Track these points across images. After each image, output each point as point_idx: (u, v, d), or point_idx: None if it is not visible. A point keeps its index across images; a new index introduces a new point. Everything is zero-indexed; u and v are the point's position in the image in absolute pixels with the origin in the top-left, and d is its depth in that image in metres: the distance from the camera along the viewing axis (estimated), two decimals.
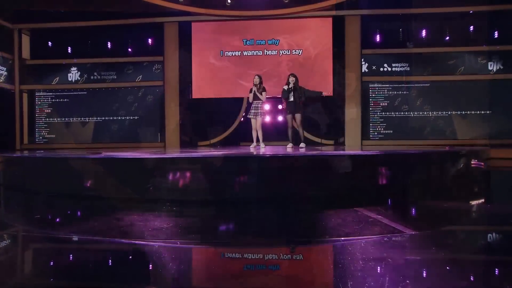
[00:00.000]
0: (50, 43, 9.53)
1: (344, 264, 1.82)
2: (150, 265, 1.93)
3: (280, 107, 9.50)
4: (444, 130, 8.71)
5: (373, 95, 8.95)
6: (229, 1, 8.18)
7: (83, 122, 9.36)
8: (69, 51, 9.51)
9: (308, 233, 2.53)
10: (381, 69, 8.92)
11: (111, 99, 9.30)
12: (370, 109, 8.96)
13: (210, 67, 9.30)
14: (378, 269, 1.76)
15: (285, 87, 6.20)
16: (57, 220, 3.18)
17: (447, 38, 8.79)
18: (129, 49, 9.43)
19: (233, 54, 9.26)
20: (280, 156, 4.05)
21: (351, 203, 3.29)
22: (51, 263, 2.00)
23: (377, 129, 8.96)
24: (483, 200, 4.12)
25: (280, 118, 9.54)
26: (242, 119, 9.21)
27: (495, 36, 8.65)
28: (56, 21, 9.16)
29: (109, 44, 9.45)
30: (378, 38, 9.06)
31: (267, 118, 9.28)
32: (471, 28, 8.69)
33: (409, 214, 3.26)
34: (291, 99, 6.12)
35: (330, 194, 3.58)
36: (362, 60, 8.84)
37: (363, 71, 8.86)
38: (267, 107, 9.24)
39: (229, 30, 9.27)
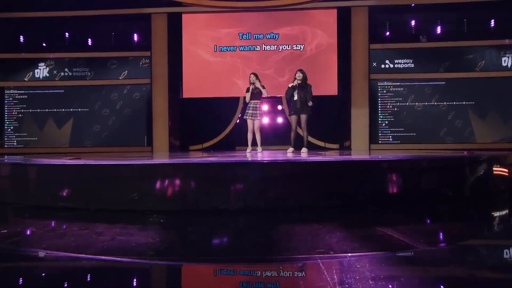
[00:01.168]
0: (22, 35, 9.33)
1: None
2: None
3: (279, 107, 9.45)
4: (461, 132, 8.66)
5: (382, 94, 8.90)
6: None
7: (60, 124, 9.19)
8: (44, 44, 9.33)
9: None
10: (391, 65, 8.85)
11: (92, 98, 9.15)
12: (379, 109, 8.90)
13: (202, 64, 9.19)
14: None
15: (291, 85, 6.10)
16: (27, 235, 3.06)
17: (465, 30, 8.72)
18: (113, 43, 9.28)
19: (228, 49, 9.18)
20: None
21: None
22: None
23: (387, 131, 8.90)
24: (507, 211, 4.06)
25: (280, 120, 9.48)
26: (238, 121, 9.13)
27: None
28: (29, 11, 8.99)
29: (89, 37, 9.27)
30: (387, 31, 9.00)
31: (265, 120, 9.22)
32: (493, 19, 8.62)
33: (423, 226, 3.18)
34: (296, 97, 6.01)
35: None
36: (370, 55, 8.79)
37: (371, 67, 8.82)
38: (265, 107, 9.18)
39: (224, 22, 9.19)
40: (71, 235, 2.93)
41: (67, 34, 9.30)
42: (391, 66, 8.87)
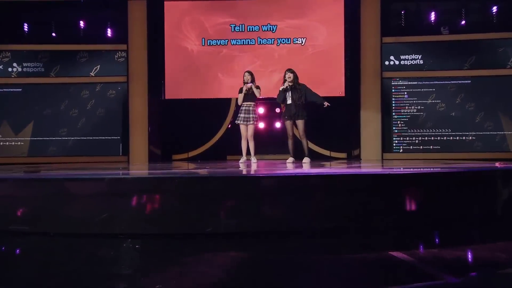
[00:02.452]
0: None
1: None
2: None
3: (277, 110, 9.42)
4: (492, 138, 8.60)
5: (397, 94, 8.92)
6: None
7: (17, 128, 8.98)
8: None
9: None
10: (407, 61, 8.89)
11: (57, 97, 8.99)
12: (393, 112, 8.91)
13: (188, 60, 9.17)
14: None
15: (281, 88, 6.24)
16: None
17: (494, 20, 8.71)
18: (82, 34, 9.19)
19: (218, 43, 9.18)
20: None
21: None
22: None
23: (403, 138, 8.88)
24: None
25: (277, 124, 9.45)
26: (229, 125, 9.09)
27: None
28: None
29: (54, 26, 9.14)
30: (403, 22, 9.04)
31: (261, 125, 9.18)
32: None
33: (449, 252, 3.13)
34: (289, 101, 6.18)
35: None
36: (382, 50, 8.79)
37: (383, 64, 8.81)
38: (260, 110, 9.15)
39: (213, 12, 9.20)
40: (25, 265, 2.81)
41: (26, 22, 9.16)
42: (407, 62, 8.90)
